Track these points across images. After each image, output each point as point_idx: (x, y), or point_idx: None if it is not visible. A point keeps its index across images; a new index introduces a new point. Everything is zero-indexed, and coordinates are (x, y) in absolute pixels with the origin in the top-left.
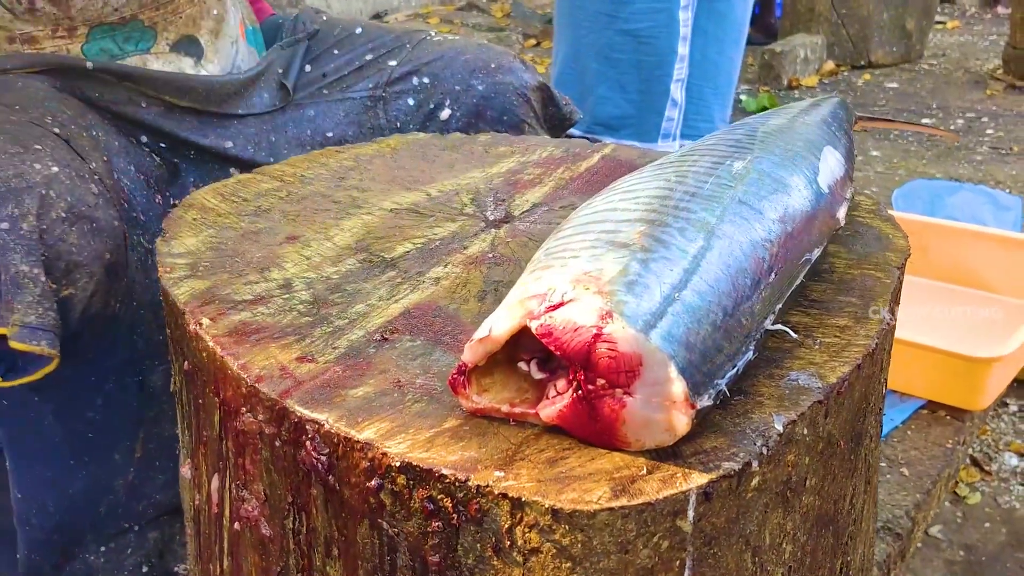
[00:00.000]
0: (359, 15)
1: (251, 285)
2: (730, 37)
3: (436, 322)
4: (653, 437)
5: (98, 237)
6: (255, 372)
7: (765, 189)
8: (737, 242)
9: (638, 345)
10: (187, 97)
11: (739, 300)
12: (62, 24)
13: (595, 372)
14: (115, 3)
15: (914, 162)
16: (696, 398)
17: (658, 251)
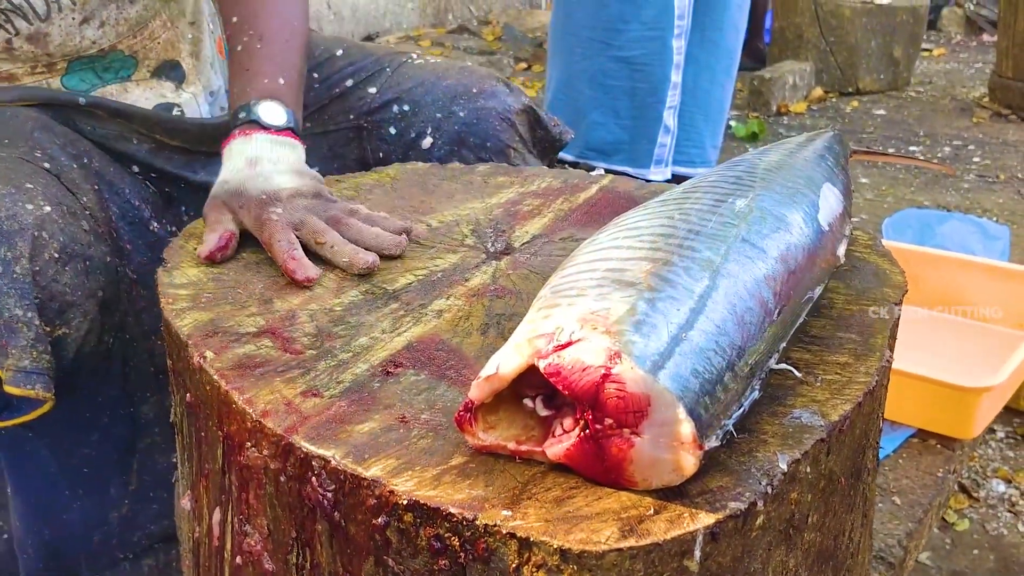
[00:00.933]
0: (350, 37)
1: (254, 317)
2: (721, 65)
3: (440, 356)
4: (661, 477)
5: (91, 275)
6: (260, 407)
7: (768, 227)
8: (742, 281)
9: (647, 386)
10: (178, 137)
11: (745, 339)
12: (41, 60)
13: (603, 412)
14: (92, 36)
15: (902, 190)
16: (704, 439)
17: (664, 291)
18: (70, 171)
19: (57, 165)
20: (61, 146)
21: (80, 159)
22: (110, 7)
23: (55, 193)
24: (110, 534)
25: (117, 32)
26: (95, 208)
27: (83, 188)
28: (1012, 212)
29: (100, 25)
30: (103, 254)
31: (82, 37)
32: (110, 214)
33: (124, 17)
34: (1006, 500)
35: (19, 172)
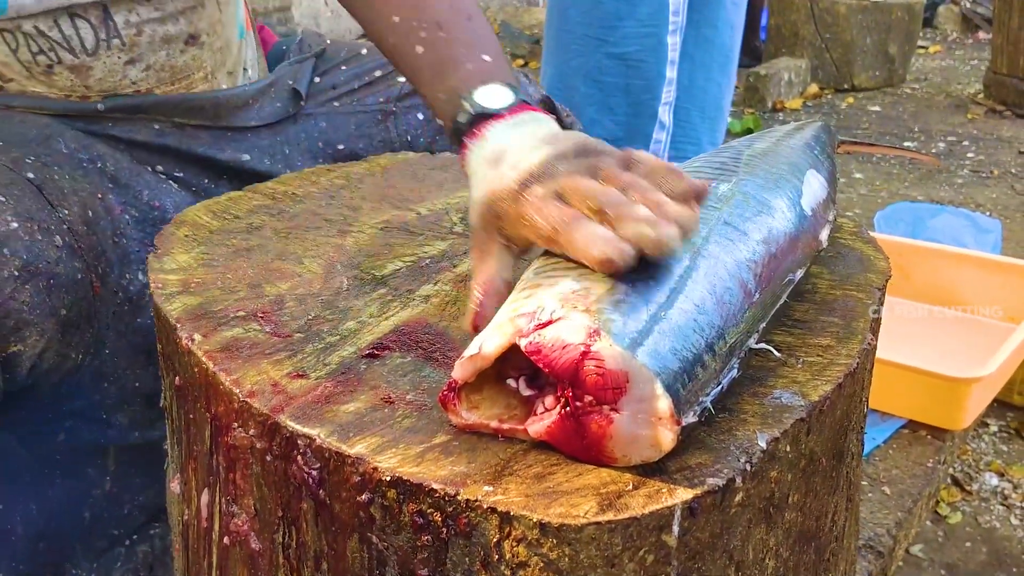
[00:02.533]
0: (347, 34)
1: (243, 301)
2: (716, 62)
3: (426, 339)
4: (639, 453)
5: (55, 293)
6: (247, 387)
7: (750, 211)
8: (722, 262)
9: (625, 363)
10: (196, 116)
11: (725, 319)
12: (77, 91)
13: (583, 389)
14: (134, 77)
15: (896, 184)
16: (681, 415)
17: (645, 271)
18: (62, 180)
19: (45, 174)
20: (68, 152)
21: (90, 163)
22: (160, 53)
23: (28, 207)
24: (99, 509)
25: (159, 78)
26: (77, 220)
27: (71, 199)
28: (1005, 207)
29: (145, 68)
30: (74, 271)
31: (123, 76)
32: (116, 222)
33: (171, 64)
34: (999, 493)
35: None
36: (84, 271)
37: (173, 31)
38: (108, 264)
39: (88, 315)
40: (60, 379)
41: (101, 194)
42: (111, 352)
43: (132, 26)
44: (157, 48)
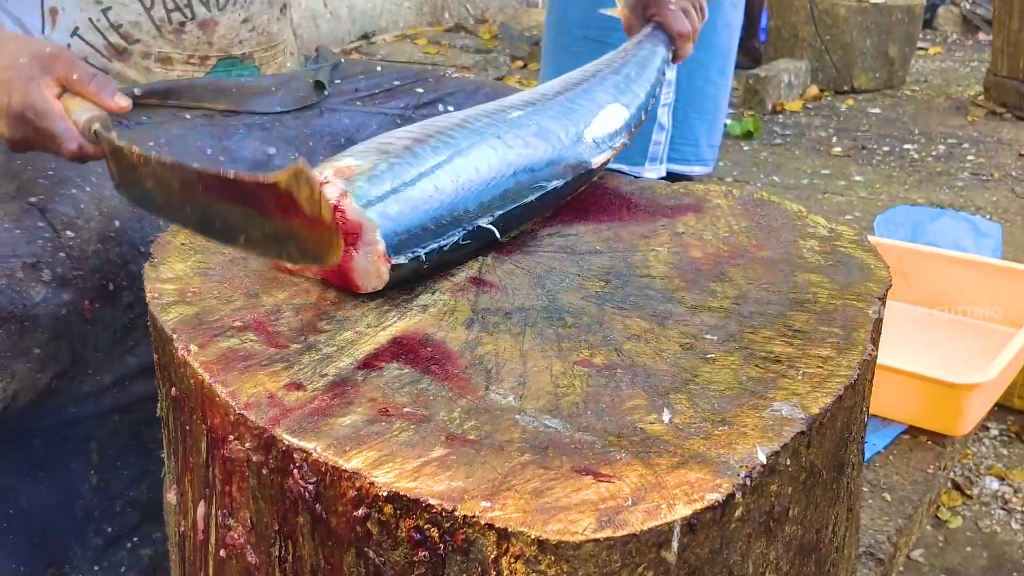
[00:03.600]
0: (347, 36)
1: (239, 311)
2: (715, 63)
3: (424, 350)
4: (370, 282)
5: (29, 334)
6: (243, 399)
7: (525, 132)
8: (474, 163)
9: (358, 215)
10: (223, 98)
11: (456, 202)
12: (200, 51)
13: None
14: (244, 36)
15: (896, 187)
16: (394, 256)
17: (406, 158)
18: (81, 193)
19: (63, 190)
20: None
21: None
22: (263, 16)
23: (18, 239)
24: (89, 505)
25: (258, 41)
26: (93, 239)
27: (89, 214)
28: (1005, 210)
29: (252, 29)
30: (58, 306)
31: (238, 35)
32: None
33: (269, 30)
34: (999, 497)
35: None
36: (72, 303)
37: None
38: (128, 277)
39: (71, 344)
40: (37, 410)
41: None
42: (95, 372)
43: None
44: (264, 10)
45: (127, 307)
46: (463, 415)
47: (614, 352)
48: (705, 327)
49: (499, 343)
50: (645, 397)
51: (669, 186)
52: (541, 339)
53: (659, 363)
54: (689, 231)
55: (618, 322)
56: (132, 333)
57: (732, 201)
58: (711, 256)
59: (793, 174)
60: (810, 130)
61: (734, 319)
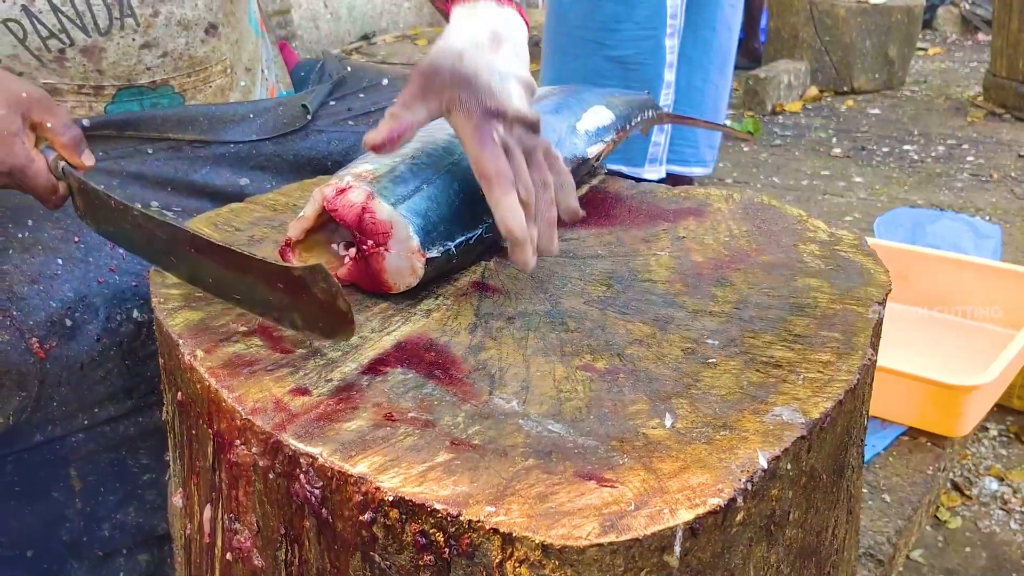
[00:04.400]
0: (347, 36)
1: (245, 317)
2: (715, 64)
3: (428, 355)
4: (404, 279)
5: None
6: (250, 405)
7: None
8: None
9: (389, 214)
10: (190, 128)
11: (476, 195)
12: (90, 80)
13: (365, 235)
14: (149, 63)
15: (895, 189)
16: (427, 250)
17: (422, 159)
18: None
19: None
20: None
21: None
22: (178, 40)
23: None
24: (76, 530)
25: (176, 66)
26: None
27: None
28: (1005, 211)
29: (161, 55)
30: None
31: (138, 60)
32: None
33: (189, 54)
34: (998, 498)
35: None
36: (10, 343)
37: (191, 16)
38: (89, 309)
39: (18, 382)
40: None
41: (79, 236)
42: (60, 404)
43: (148, 5)
44: (175, 34)
45: (94, 340)
46: (467, 420)
47: (616, 357)
48: (706, 332)
49: (502, 348)
50: (647, 402)
51: (670, 190)
52: (544, 344)
53: (661, 368)
54: (690, 235)
55: (620, 327)
56: (102, 365)
57: (733, 205)
58: (712, 260)
59: (793, 175)
60: (810, 131)
61: (735, 324)
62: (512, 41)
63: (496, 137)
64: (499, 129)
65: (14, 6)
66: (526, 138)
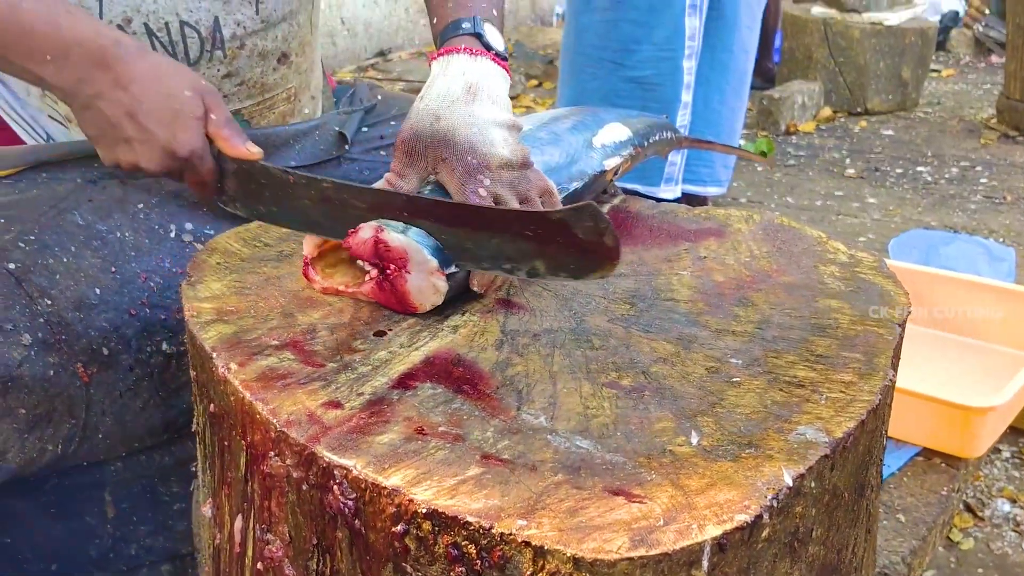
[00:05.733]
0: (363, 52)
1: (276, 330)
2: (731, 86)
3: (456, 370)
4: (429, 298)
5: (12, 395)
6: (284, 417)
7: (541, 141)
8: None
9: (401, 242)
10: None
11: None
12: None
13: (385, 262)
14: (227, 90)
15: (909, 210)
16: (446, 268)
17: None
18: (59, 264)
19: (37, 260)
20: (84, 225)
21: (109, 232)
22: (255, 69)
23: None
24: (104, 549)
25: (248, 93)
26: (68, 307)
27: (63, 285)
28: (1019, 233)
29: (239, 83)
30: (44, 368)
31: (219, 89)
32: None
33: (263, 82)
34: (1011, 520)
35: None
36: (61, 365)
37: (270, 47)
38: (122, 341)
39: (69, 407)
40: (38, 470)
41: (116, 267)
42: (105, 436)
43: (237, 39)
44: (254, 64)
45: (128, 370)
46: (496, 435)
47: (641, 375)
48: (730, 351)
49: (529, 364)
50: (673, 419)
51: (690, 210)
52: (570, 361)
53: (686, 386)
54: (711, 255)
55: (644, 345)
56: (138, 396)
57: (753, 226)
58: (733, 280)
59: (807, 195)
60: (823, 152)
61: (758, 343)
62: (488, 90)
63: (483, 191)
64: (485, 182)
65: (110, 26)
66: (518, 181)
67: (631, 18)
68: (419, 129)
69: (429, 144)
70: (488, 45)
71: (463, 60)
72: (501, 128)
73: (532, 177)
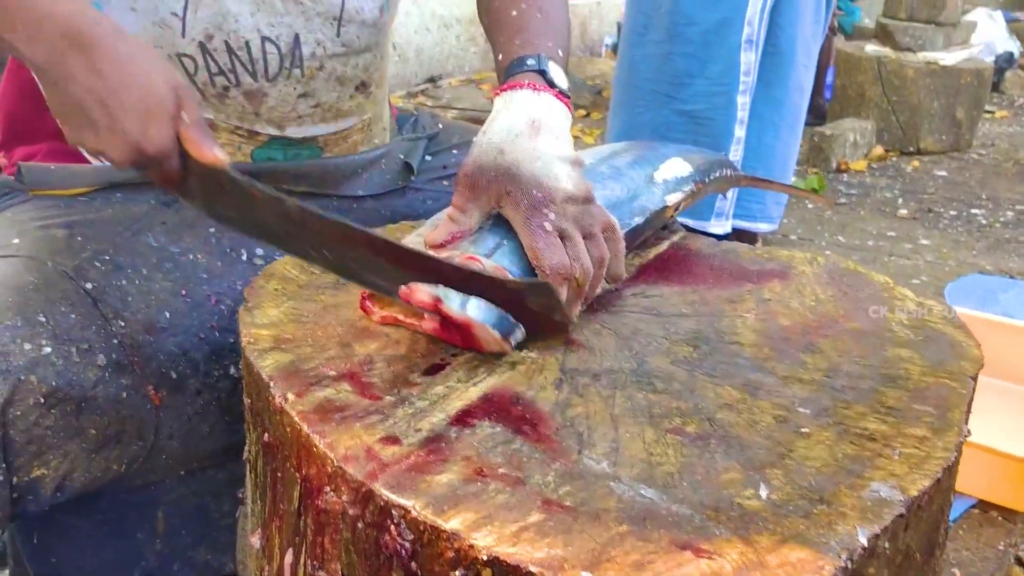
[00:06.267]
0: (414, 78)
1: (334, 361)
2: (786, 123)
3: (515, 409)
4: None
5: (85, 415)
6: (341, 452)
7: (601, 176)
8: None
9: (461, 316)
10: (303, 181)
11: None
12: (246, 121)
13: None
14: (301, 110)
15: (964, 253)
16: (511, 336)
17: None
18: (131, 285)
19: (112, 280)
20: (158, 246)
21: (182, 255)
22: (332, 94)
23: (71, 326)
24: (149, 569)
25: (323, 117)
26: (140, 330)
27: (136, 307)
28: None
29: (314, 105)
30: (116, 390)
31: (293, 108)
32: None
33: (337, 107)
34: None
35: (40, 298)
36: (133, 387)
37: (349, 73)
38: (190, 365)
39: (139, 429)
40: (99, 489)
41: (187, 290)
42: (168, 457)
43: (316, 59)
44: (331, 87)
45: (195, 394)
46: (558, 479)
47: (707, 422)
48: (797, 399)
49: (589, 406)
50: (740, 470)
51: (753, 250)
52: (631, 404)
53: (753, 435)
54: (775, 298)
55: (709, 390)
56: (205, 419)
57: (817, 269)
58: (799, 325)
59: (858, 235)
60: (875, 191)
61: (826, 392)
62: (551, 126)
63: (549, 225)
64: (550, 216)
65: (192, 42)
66: (582, 216)
67: (686, 52)
68: (483, 163)
69: (493, 178)
70: (552, 82)
71: (526, 95)
72: (565, 163)
73: (595, 212)
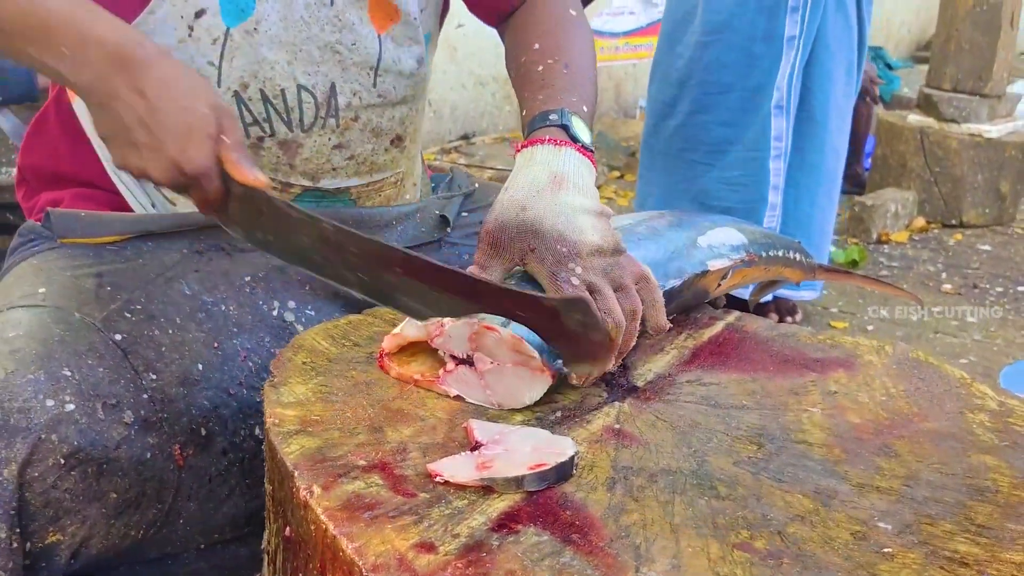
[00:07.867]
0: (448, 135)
1: (364, 448)
2: (823, 188)
3: (563, 513)
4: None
5: (106, 477)
6: (371, 559)
7: (636, 235)
8: None
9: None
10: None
11: None
12: (280, 171)
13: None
14: (336, 162)
15: (1012, 332)
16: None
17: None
18: (164, 335)
19: (143, 330)
20: (191, 294)
21: (214, 306)
22: (367, 146)
23: (98, 380)
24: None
25: (357, 169)
26: (172, 383)
27: (168, 358)
28: None
29: (349, 156)
30: (141, 450)
31: (328, 159)
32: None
33: (372, 160)
34: None
35: (66, 351)
36: (159, 447)
37: (385, 125)
38: (220, 421)
39: (158, 491)
40: (115, 558)
41: (218, 343)
42: (186, 522)
43: (352, 109)
44: (366, 139)
45: (220, 453)
46: None
47: (777, 536)
48: (876, 512)
49: (646, 512)
50: None
51: (814, 335)
52: (693, 512)
53: (830, 554)
54: (842, 391)
55: (778, 497)
56: (226, 481)
57: (885, 359)
58: (871, 423)
59: (902, 310)
60: (917, 263)
61: (907, 505)
62: (574, 179)
63: (575, 280)
64: (576, 270)
65: (227, 92)
66: (611, 267)
67: (723, 120)
68: (504, 220)
69: (515, 235)
70: (574, 136)
71: (547, 151)
72: (589, 215)
73: (626, 264)
